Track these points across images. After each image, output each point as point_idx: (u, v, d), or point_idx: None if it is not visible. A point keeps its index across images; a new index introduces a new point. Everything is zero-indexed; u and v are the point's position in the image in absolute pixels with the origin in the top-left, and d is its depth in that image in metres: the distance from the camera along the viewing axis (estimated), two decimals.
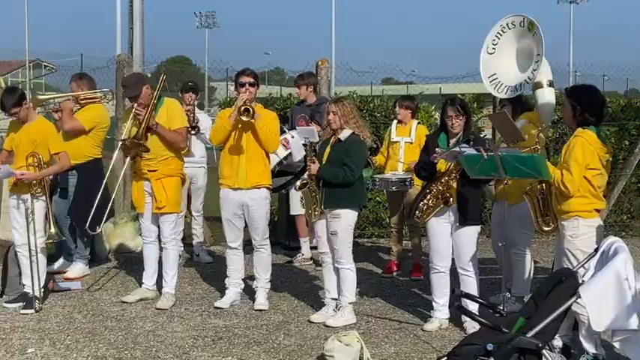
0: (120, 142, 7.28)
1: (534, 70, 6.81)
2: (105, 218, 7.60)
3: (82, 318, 6.71)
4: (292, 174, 8.13)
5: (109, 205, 7.75)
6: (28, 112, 6.99)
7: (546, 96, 7.08)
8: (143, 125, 6.88)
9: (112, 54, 11.52)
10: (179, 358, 5.69)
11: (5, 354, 5.73)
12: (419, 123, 8.56)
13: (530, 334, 4.44)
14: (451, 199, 6.23)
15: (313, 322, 6.56)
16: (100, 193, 7.40)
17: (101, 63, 13.34)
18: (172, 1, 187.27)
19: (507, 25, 7.08)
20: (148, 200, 7.12)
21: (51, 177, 7.34)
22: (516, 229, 6.66)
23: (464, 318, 6.24)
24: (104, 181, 7.65)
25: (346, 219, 6.53)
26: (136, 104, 7.01)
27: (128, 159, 7.15)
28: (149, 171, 7.05)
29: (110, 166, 7.93)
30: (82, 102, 8.16)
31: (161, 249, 7.23)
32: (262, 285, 7.09)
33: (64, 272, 8.15)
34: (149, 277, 7.31)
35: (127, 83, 7.37)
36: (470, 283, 6.28)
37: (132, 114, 7.07)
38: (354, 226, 6.68)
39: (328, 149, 6.61)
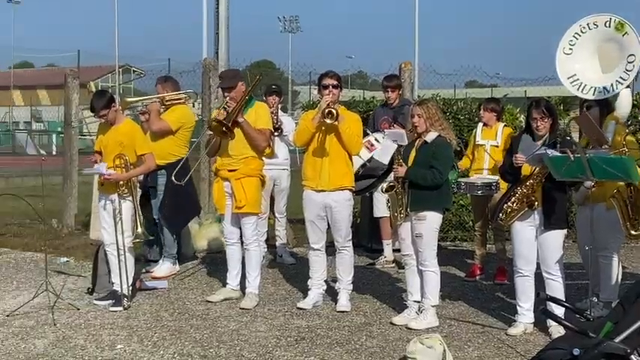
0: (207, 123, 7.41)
1: (629, 71, 6.64)
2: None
3: (169, 316, 6.85)
4: (375, 176, 8.12)
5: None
6: (116, 115, 7.19)
7: (625, 96, 6.89)
8: (231, 118, 6.99)
9: (198, 58, 11.73)
10: (262, 357, 5.76)
11: (96, 349, 5.90)
12: (505, 125, 8.42)
13: (618, 339, 4.31)
14: (536, 202, 6.12)
15: (395, 325, 6.54)
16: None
17: (188, 67, 13.61)
18: (257, 7, 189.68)
19: (588, 25, 6.93)
20: (228, 202, 7.23)
21: (140, 178, 7.56)
22: (605, 232, 6.49)
23: (549, 322, 6.12)
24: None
25: (431, 221, 6.49)
26: (228, 97, 7.15)
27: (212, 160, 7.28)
28: (229, 171, 7.16)
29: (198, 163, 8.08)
30: (167, 104, 8.37)
31: (244, 250, 7.33)
32: (344, 286, 7.11)
33: (151, 271, 8.36)
34: (233, 278, 7.41)
35: (225, 75, 7.63)
36: (556, 288, 6.16)
37: (222, 105, 7.22)
38: (439, 228, 6.64)
39: (414, 152, 6.58)
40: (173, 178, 7.82)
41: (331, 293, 7.31)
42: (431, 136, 6.51)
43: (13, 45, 66.39)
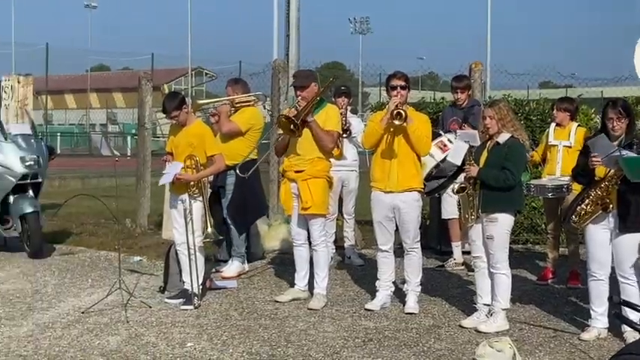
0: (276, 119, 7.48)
1: None
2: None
3: (238, 315, 6.92)
4: (445, 177, 8.05)
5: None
6: (187, 117, 7.30)
7: None
8: (301, 116, 7.03)
9: (269, 60, 11.83)
10: (330, 358, 5.76)
11: (166, 347, 5.99)
12: (579, 126, 8.23)
13: None
14: (610, 205, 5.98)
15: (464, 327, 6.47)
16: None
17: (258, 69, 13.73)
18: (328, 9, 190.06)
19: None
20: (295, 203, 7.26)
21: (210, 178, 7.67)
22: None
23: (624, 327, 5.96)
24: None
25: (503, 223, 6.40)
26: (300, 97, 7.19)
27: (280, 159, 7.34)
28: (296, 172, 7.19)
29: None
30: (237, 105, 8.47)
31: (312, 251, 7.36)
32: (413, 288, 7.06)
33: (221, 271, 8.46)
34: (301, 279, 7.44)
35: (299, 74, 7.70)
36: (631, 292, 5.99)
37: (293, 104, 7.27)
38: (510, 230, 6.54)
39: (485, 153, 6.50)
40: (237, 171, 7.91)
41: (399, 295, 7.27)
42: (503, 137, 6.42)
43: (89, 49, 67.91)
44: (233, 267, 8.45)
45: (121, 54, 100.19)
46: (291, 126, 7.01)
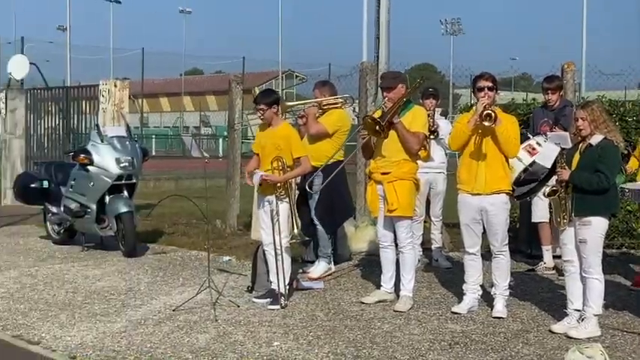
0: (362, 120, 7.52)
1: None
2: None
3: (324, 316, 6.96)
4: (536, 180, 7.90)
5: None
6: (274, 117, 7.37)
7: None
8: (386, 117, 7.03)
9: (357, 63, 11.85)
10: None
11: (254, 345, 6.08)
12: None
13: None
14: None
15: (554, 333, 6.34)
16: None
17: (347, 71, 13.77)
18: (418, 10, 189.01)
19: None
20: (381, 205, 7.25)
21: (297, 179, 7.74)
22: None
23: None
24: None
25: (597, 227, 6.24)
26: (387, 98, 7.20)
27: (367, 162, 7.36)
28: (382, 174, 7.18)
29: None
30: (324, 107, 8.54)
31: (398, 253, 7.34)
32: (501, 292, 6.96)
33: (308, 272, 8.52)
34: (387, 280, 7.43)
35: (386, 75, 7.73)
36: None
37: (380, 106, 7.29)
38: (604, 234, 6.37)
39: (577, 155, 6.36)
40: (322, 173, 7.95)
41: (487, 299, 7.18)
42: (596, 139, 6.26)
43: (184, 53, 69.50)
44: (319, 268, 8.50)
45: (213, 58, 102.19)
46: (377, 127, 7.02)
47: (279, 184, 7.26)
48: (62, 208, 10.59)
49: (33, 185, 10.97)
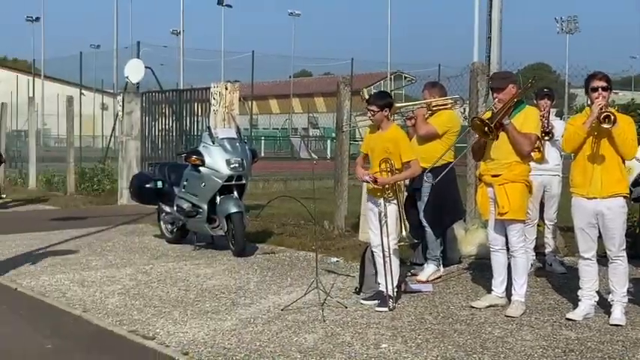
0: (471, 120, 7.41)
1: None
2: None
3: (433, 319, 6.87)
4: None
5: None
6: (384, 120, 7.33)
7: None
8: (496, 119, 6.89)
9: (467, 63, 11.65)
10: None
11: (361, 347, 6.05)
12: None
13: None
14: None
15: None
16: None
17: (457, 72, 13.56)
18: (532, 9, 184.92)
19: None
20: (491, 207, 7.10)
21: (406, 182, 7.68)
22: None
23: None
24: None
25: None
26: (496, 99, 7.06)
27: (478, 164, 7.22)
28: (492, 176, 7.03)
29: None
30: (433, 109, 8.44)
31: (510, 257, 7.17)
32: (619, 299, 6.69)
33: (417, 274, 8.44)
34: (498, 285, 7.27)
35: (497, 76, 7.61)
36: None
37: (490, 107, 7.16)
38: None
39: None
40: (429, 174, 7.83)
41: (604, 305, 6.92)
42: None
43: (293, 55, 70.29)
44: (428, 270, 8.40)
45: (322, 59, 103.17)
46: (485, 129, 6.87)
47: (387, 186, 7.21)
48: (175, 208, 10.87)
49: (148, 185, 11.31)
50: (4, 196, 18.20)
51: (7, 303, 7.64)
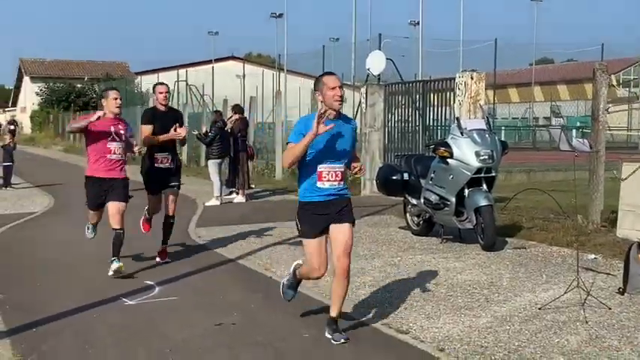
0: None
1: None
2: None
3: None
4: None
5: None
6: None
7: None
8: None
9: None
10: None
11: (631, 352, 5.63)
12: None
13: None
14: None
15: None
16: None
17: None
18: None
19: None
20: None
21: None
22: None
23: None
24: None
25: None
26: None
27: None
28: None
29: None
30: None
31: None
32: None
33: None
34: None
35: None
36: None
37: None
38: None
39: None
40: None
41: None
42: None
43: (535, 42, 67.88)
44: None
45: (566, 45, 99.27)
46: None
47: None
48: (422, 200, 10.80)
49: (394, 177, 11.33)
50: (253, 185, 19.14)
51: (263, 292, 7.86)
